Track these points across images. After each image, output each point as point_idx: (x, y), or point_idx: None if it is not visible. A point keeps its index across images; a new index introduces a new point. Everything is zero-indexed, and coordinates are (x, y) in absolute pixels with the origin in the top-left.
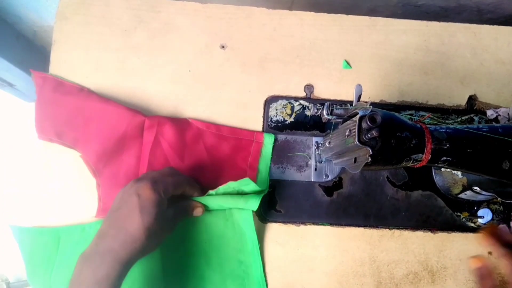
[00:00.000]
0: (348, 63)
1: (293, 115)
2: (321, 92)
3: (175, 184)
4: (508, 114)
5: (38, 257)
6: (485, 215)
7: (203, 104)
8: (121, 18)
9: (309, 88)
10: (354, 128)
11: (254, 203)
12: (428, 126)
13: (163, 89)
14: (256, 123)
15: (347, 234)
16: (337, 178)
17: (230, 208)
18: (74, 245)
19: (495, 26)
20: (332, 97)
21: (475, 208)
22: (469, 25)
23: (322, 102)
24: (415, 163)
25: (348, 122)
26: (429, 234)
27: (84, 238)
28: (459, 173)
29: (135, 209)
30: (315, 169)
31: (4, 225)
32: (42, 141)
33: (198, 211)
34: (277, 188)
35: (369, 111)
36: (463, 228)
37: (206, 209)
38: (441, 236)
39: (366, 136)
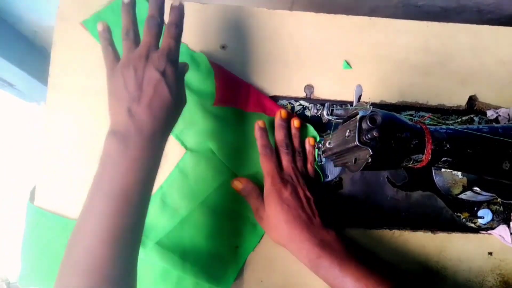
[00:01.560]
0: (348, 63)
1: None
2: (321, 92)
3: (177, 43)
4: (509, 114)
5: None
6: (485, 216)
7: None
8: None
9: (309, 88)
10: (354, 129)
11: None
12: (428, 126)
13: None
14: None
15: (347, 235)
16: (337, 178)
17: None
18: None
19: (496, 27)
20: (332, 98)
21: (475, 208)
22: (470, 25)
23: (322, 102)
24: (415, 164)
25: (348, 122)
26: (429, 234)
27: None
28: (459, 173)
29: (160, 85)
30: None
31: (4, 226)
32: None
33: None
34: None
35: (369, 111)
36: (463, 229)
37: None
38: (441, 236)
39: (366, 137)
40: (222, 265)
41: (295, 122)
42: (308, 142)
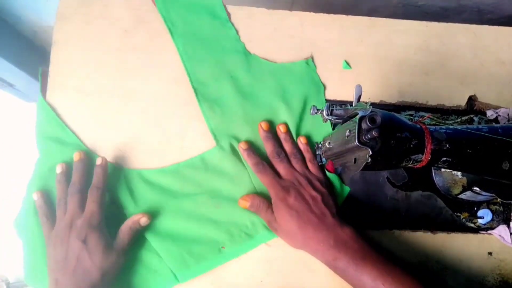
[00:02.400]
0: (348, 63)
1: None
2: None
3: (99, 205)
4: (508, 114)
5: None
6: (485, 216)
7: None
8: (121, 18)
9: None
10: (354, 129)
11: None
12: (428, 126)
13: (163, 89)
14: None
15: None
16: None
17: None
18: None
19: (495, 27)
20: (332, 98)
21: (475, 208)
22: (469, 25)
23: None
24: (415, 164)
25: (348, 122)
26: (429, 234)
27: None
28: (459, 173)
29: (82, 254)
30: None
31: (4, 226)
32: None
33: (144, 221)
34: None
35: (369, 111)
36: (463, 229)
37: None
38: (441, 236)
39: (366, 137)
40: (196, 256)
41: (281, 127)
42: (300, 142)
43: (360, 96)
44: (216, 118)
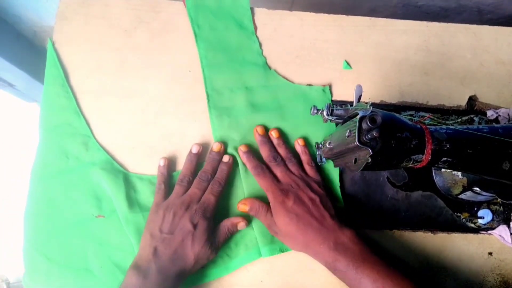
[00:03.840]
0: (348, 63)
1: None
2: None
3: (216, 200)
4: (508, 114)
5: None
6: (485, 216)
7: (203, 104)
8: (121, 18)
9: None
10: (354, 129)
11: None
12: (428, 126)
13: (163, 89)
14: None
15: None
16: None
17: None
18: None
19: (495, 27)
20: (332, 98)
21: (475, 208)
22: (469, 25)
23: None
24: (415, 164)
25: (348, 122)
26: (429, 234)
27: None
28: (459, 173)
29: (188, 237)
30: None
31: (4, 226)
32: None
33: (241, 226)
34: None
35: (369, 111)
36: (463, 229)
37: None
38: (441, 236)
39: (366, 137)
40: None
41: (273, 133)
42: (298, 143)
43: (360, 96)
44: (222, 128)
